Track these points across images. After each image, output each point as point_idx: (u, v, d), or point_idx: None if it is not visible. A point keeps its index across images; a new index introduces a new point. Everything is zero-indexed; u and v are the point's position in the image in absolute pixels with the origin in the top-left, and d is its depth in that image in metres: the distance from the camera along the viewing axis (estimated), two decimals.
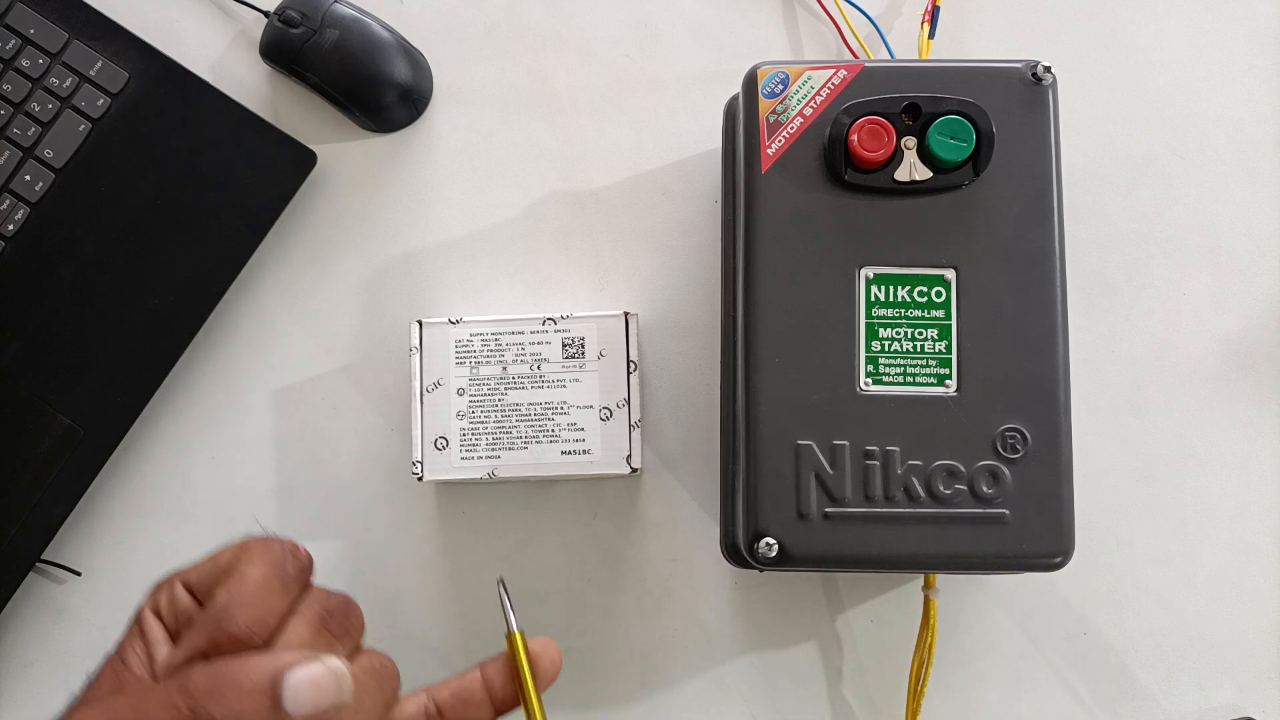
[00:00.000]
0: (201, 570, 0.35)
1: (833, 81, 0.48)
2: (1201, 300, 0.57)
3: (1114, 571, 0.56)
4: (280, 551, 0.34)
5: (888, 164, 0.47)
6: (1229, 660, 0.55)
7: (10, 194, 0.57)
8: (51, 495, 0.55)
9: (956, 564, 0.47)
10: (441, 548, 0.56)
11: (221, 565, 0.34)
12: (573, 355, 0.53)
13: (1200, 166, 0.58)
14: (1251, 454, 0.56)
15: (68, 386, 0.56)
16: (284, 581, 0.33)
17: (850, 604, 0.56)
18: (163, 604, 0.35)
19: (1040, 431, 0.46)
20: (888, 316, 0.47)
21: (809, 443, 0.46)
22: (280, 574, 0.33)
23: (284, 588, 0.33)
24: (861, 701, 0.55)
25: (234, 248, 0.57)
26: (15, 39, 0.57)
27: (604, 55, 0.59)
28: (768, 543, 0.45)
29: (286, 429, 0.57)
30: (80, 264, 0.57)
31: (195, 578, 0.35)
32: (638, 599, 0.56)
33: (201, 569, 0.35)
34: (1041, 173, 0.47)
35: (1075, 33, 0.59)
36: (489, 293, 0.58)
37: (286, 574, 0.33)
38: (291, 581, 0.34)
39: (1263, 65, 0.58)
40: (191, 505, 0.57)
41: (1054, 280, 0.46)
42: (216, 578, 0.34)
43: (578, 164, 0.59)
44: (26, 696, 0.56)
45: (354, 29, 0.57)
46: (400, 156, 0.59)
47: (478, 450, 0.52)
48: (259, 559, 0.33)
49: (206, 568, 0.35)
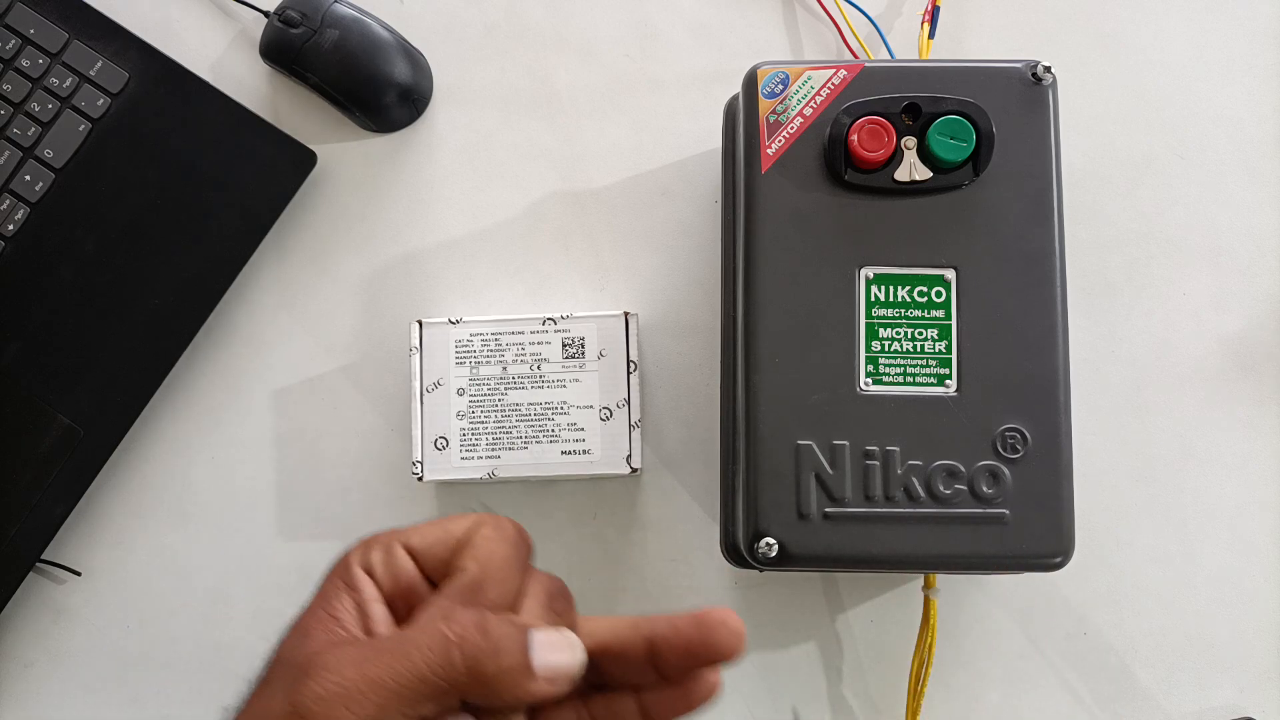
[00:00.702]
0: (427, 537, 0.35)
1: (833, 81, 0.48)
2: (1201, 300, 0.57)
3: (1114, 571, 0.56)
4: (515, 533, 0.34)
5: (888, 164, 0.47)
6: (1229, 660, 0.55)
7: (10, 194, 0.57)
8: (51, 495, 0.55)
9: (956, 564, 0.47)
10: None
11: (455, 536, 0.34)
12: (573, 355, 0.53)
13: (1200, 166, 0.58)
14: (1251, 454, 0.56)
15: (68, 386, 0.56)
16: (521, 561, 0.34)
17: (850, 604, 0.56)
18: (376, 562, 0.34)
19: (1040, 431, 0.46)
20: (888, 316, 0.47)
21: (809, 443, 0.46)
22: (518, 555, 0.34)
23: (521, 567, 0.34)
24: (861, 701, 0.55)
25: (234, 248, 0.57)
26: (15, 39, 0.57)
27: (604, 55, 0.59)
28: (768, 543, 0.45)
29: (286, 429, 0.57)
30: (80, 264, 0.57)
31: (420, 543, 0.35)
32: (638, 599, 0.56)
33: (427, 536, 0.35)
34: (1041, 173, 0.47)
35: (1075, 33, 0.59)
36: (489, 293, 0.58)
37: (522, 554, 0.34)
38: (524, 563, 0.34)
39: (1263, 65, 0.58)
40: (191, 505, 0.57)
41: (1054, 280, 0.46)
42: (450, 548, 0.34)
43: (578, 164, 0.59)
44: (26, 696, 0.56)
45: (354, 29, 0.57)
46: (400, 156, 0.59)
47: (478, 450, 0.52)
48: (502, 537, 0.34)
49: (434, 535, 0.35)
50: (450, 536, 0.34)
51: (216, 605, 0.57)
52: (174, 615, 0.57)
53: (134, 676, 0.57)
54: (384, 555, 0.35)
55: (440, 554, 0.34)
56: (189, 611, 0.57)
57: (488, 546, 0.34)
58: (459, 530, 0.34)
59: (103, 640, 0.57)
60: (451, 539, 0.34)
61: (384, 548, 0.35)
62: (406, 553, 0.35)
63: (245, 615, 0.56)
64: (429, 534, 0.35)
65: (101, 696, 0.57)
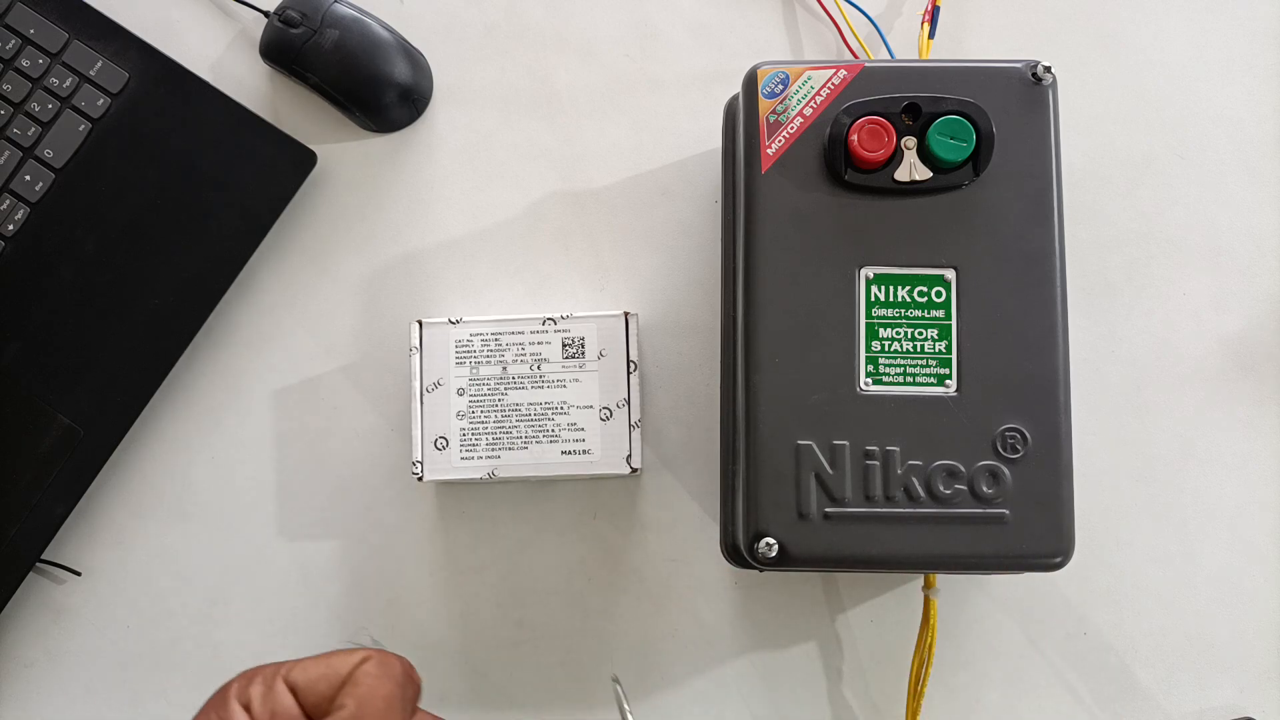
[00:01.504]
0: (310, 672, 0.34)
1: (833, 81, 0.48)
2: (1201, 300, 0.57)
3: (1114, 571, 0.56)
4: (401, 672, 0.34)
5: (888, 164, 0.47)
6: (1229, 660, 0.55)
7: (10, 194, 0.57)
8: (51, 495, 0.55)
9: (956, 564, 0.47)
10: (441, 548, 0.56)
11: (340, 672, 0.33)
12: (573, 355, 0.53)
13: (1200, 166, 0.58)
14: (1251, 454, 0.56)
15: (68, 386, 0.56)
16: (404, 702, 0.33)
17: (850, 604, 0.56)
18: (255, 697, 0.34)
19: (1040, 431, 0.46)
20: (888, 316, 0.47)
21: (809, 443, 0.46)
22: (402, 694, 0.33)
23: (404, 708, 0.33)
24: (861, 701, 0.55)
25: (234, 248, 0.57)
26: (15, 39, 0.57)
27: (604, 55, 0.59)
28: (768, 543, 0.45)
29: (286, 429, 0.57)
30: (80, 264, 0.57)
31: (302, 679, 0.34)
32: (638, 599, 0.56)
33: (310, 671, 0.34)
34: (1041, 173, 0.47)
35: (1075, 33, 0.59)
36: (489, 293, 0.58)
37: (406, 694, 0.33)
38: (409, 703, 0.34)
39: (1263, 65, 0.58)
40: (191, 505, 0.57)
41: (1054, 280, 0.46)
42: (334, 685, 0.33)
43: (578, 164, 0.59)
44: (26, 696, 0.56)
45: (354, 29, 0.57)
46: (400, 156, 0.59)
47: (478, 450, 0.52)
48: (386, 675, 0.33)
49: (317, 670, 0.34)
50: (334, 673, 0.33)
51: (216, 605, 0.57)
52: (174, 615, 0.57)
53: (134, 676, 0.57)
54: (264, 690, 0.34)
55: (323, 690, 0.33)
56: (189, 611, 0.57)
57: (369, 684, 0.33)
58: (343, 667, 0.33)
59: (103, 640, 0.57)
60: (335, 675, 0.33)
61: (265, 682, 0.34)
62: (288, 688, 0.34)
63: (245, 615, 0.56)
64: (312, 670, 0.34)
65: (101, 696, 0.57)
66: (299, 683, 0.34)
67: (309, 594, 0.56)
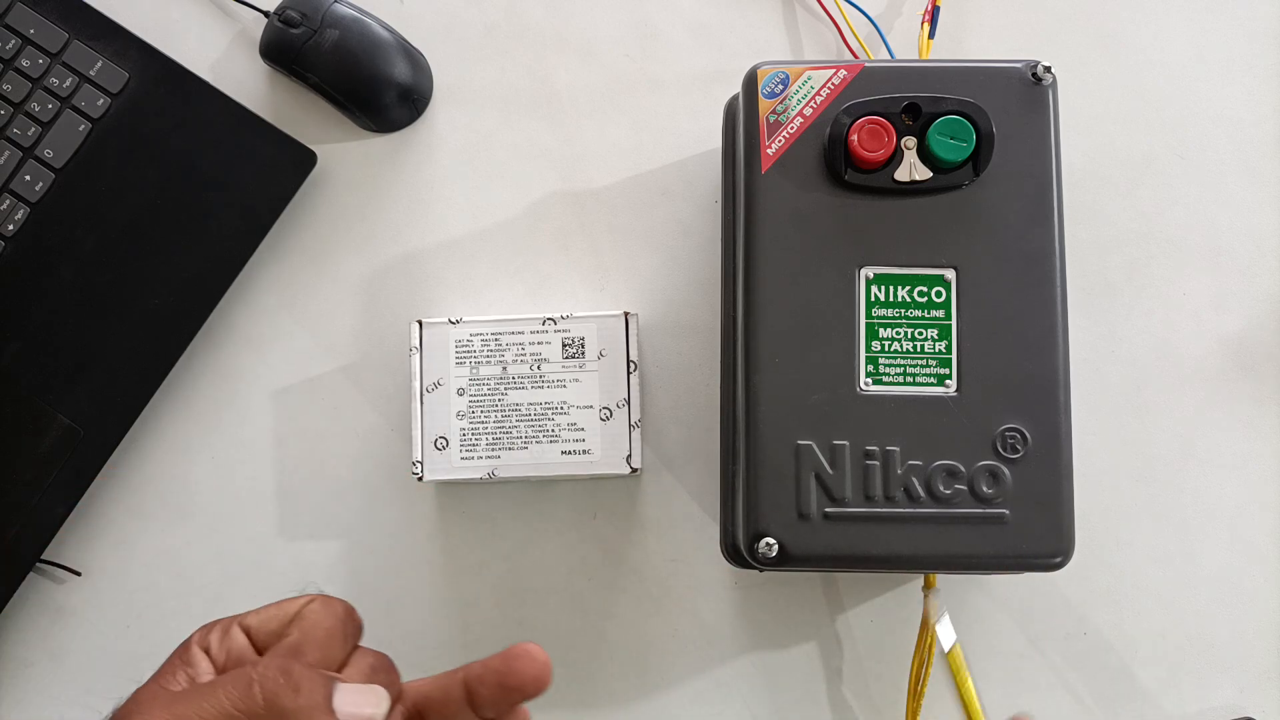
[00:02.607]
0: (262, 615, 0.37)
1: (833, 81, 0.48)
2: (1201, 300, 0.57)
3: (1114, 571, 0.56)
4: (343, 610, 0.37)
5: (888, 164, 0.47)
6: (1229, 660, 0.55)
7: (10, 194, 0.57)
8: (51, 495, 0.55)
9: (956, 564, 0.47)
10: (441, 548, 0.56)
11: (289, 613, 0.37)
12: (573, 355, 0.53)
13: (1200, 166, 0.58)
14: (1251, 454, 0.56)
15: (68, 386, 0.56)
16: (345, 635, 0.36)
17: (850, 604, 0.56)
18: (213, 642, 0.36)
19: (1040, 431, 0.46)
20: (888, 316, 0.47)
21: (809, 443, 0.46)
22: (343, 628, 0.36)
23: (344, 640, 0.36)
24: (861, 701, 0.55)
25: (234, 248, 0.57)
26: (15, 39, 0.57)
27: (604, 55, 0.59)
28: (768, 543, 0.45)
29: (286, 429, 0.57)
30: (80, 264, 0.57)
31: (255, 622, 0.37)
32: (638, 599, 0.56)
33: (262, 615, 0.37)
34: (1041, 173, 0.47)
35: (1075, 33, 0.59)
36: (489, 293, 0.58)
37: (347, 629, 0.37)
38: (349, 638, 0.37)
39: (1263, 65, 0.58)
40: (191, 505, 0.57)
41: (1054, 280, 0.46)
42: (283, 623, 0.36)
43: (578, 164, 0.59)
44: (26, 696, 0.56)
45: (354, 29, 0.57)
46: (400, 156, 0.59)
47: (478, 450, 0.52)
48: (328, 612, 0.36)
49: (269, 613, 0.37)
50: (284, 613, 0.37)
51: (216, 605, 0.56)
52: (174, 615, 0.57)
53: (134, 676, 0.56)
54: (220, 635, 0.36)
55: (273, 628, 0.36)
56: (189, 611, 0.57)
57: (313, 619, 0.36)
58: (291, 607, 0.37)
59: (103, 640, 0.57)
60: (284, 615, 0.37)
61: (222, 628, 0.37)
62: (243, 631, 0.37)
63: None
64: (264, 613, 0.37)
65: (101, 696, 0.56)
66: (251, 625, 0.37)
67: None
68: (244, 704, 0.33)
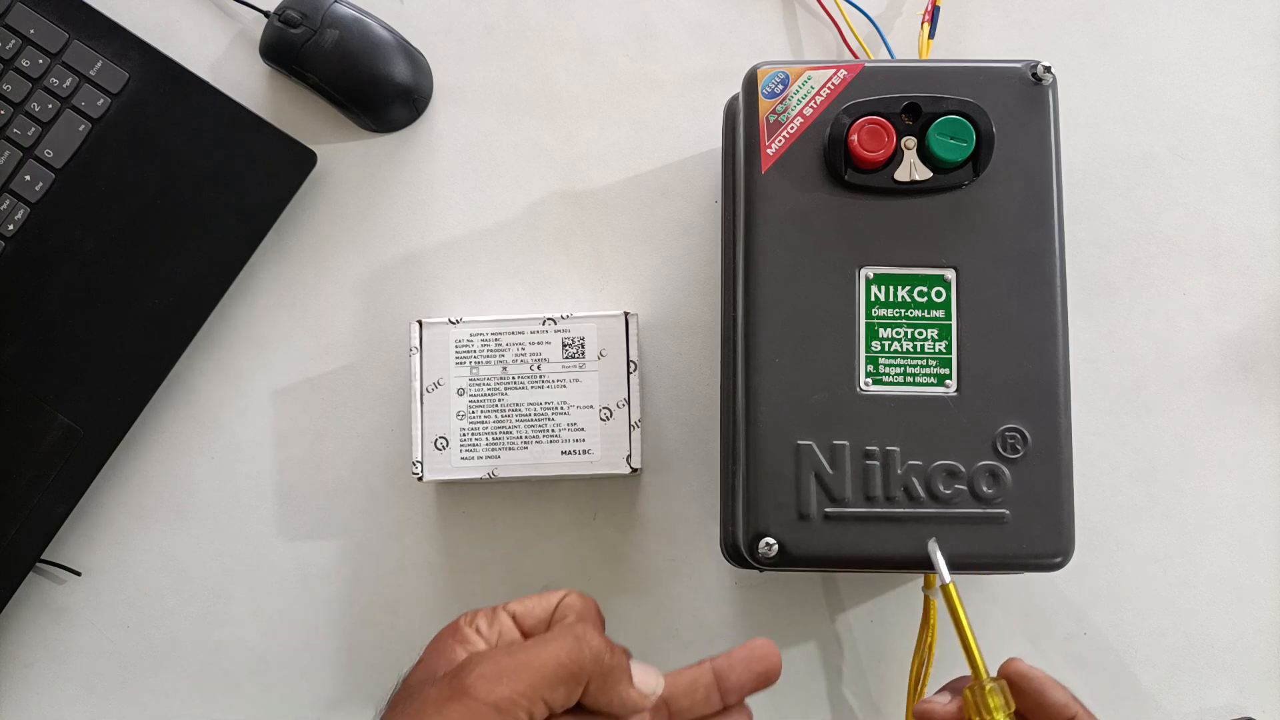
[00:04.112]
0: (527, 605, 0.42)
1: (833, 81, 0.48)
2: (1201, 300, 0.57)
3: (1114, 571, 0.56)
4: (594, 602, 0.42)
5: (888, 164, 0.47)
6: (1229, 660, 0.55)
7: (10, 194, 0.57)
8: (51, 495, 0.55)
9: (956, 564, 0.46)
10: (441, 548, 0.56)
11: (550, 601, 0.42)
12: (573, 355, 0.53)
13: (1200, 166, 0.58)
14: (1251, 454, 0.56)
15: (68, 386, 0.56)
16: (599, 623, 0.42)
17: (850, 604, 0.56)
18: (482, 625, 0.41)
19: (1040, 431, 0.46)
20: (888, 316, 0.47)
21: (809, 443, 0.46)
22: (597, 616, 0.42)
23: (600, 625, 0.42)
24: (861, 701, 0.55)
25: (234, 248, 0.57)
26: (15, 39, 0.57)
27: (604, 55, 0.59)
28: (768, 543, 0.45)
29: (286, 429, 0.57)
30: (80, 264, 0.57)
31: (520, 609, 0.41)
32: (638, 599, 0.56)
33: (526, 604, 0.42)
34: (1041, 173, 0.47)
35: (1075, 33, 0.59)
36: (489, 293, 0.58)
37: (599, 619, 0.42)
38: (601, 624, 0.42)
39: (1263, 65, 0.58)
40: (191, 505, 0.57)
41: (1054, 280, 0.46)
42: (547, 609, 0.41)
43: (578, 164, 0.59)
44: (26, 696, 0.56)
45: (354, 29, 0.57)
46: (400, 156, 0.59)
47: (478, 450, 0.52)
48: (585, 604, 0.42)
49: (532, 601, 0.42)
50: (546, 602, 0.42)
51: (216, 605, 0.57)
52: (174, 615, 0.57)
53: (134, 676, 0.57)
54: (489, 619, 0.41)
55: (539, 614, 0.41)
56: (189, 611, 0.57)
57: (579, 604, 0.41)
58: (553, 598, 0.42)
59: (103, 640, 0.57)
60: (548, 603, 0.42)
61: (487, 614, 0.41)
62: (509, 616, 0.41)
63: (245, 615, 0.56)
64: (528, 602, 0.42)
65: (101, 696, 0.57)
66: (517, 611, 0.41)
67: (309, 594, 0.56)
68: (574, 655, 0.37)
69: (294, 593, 0.57)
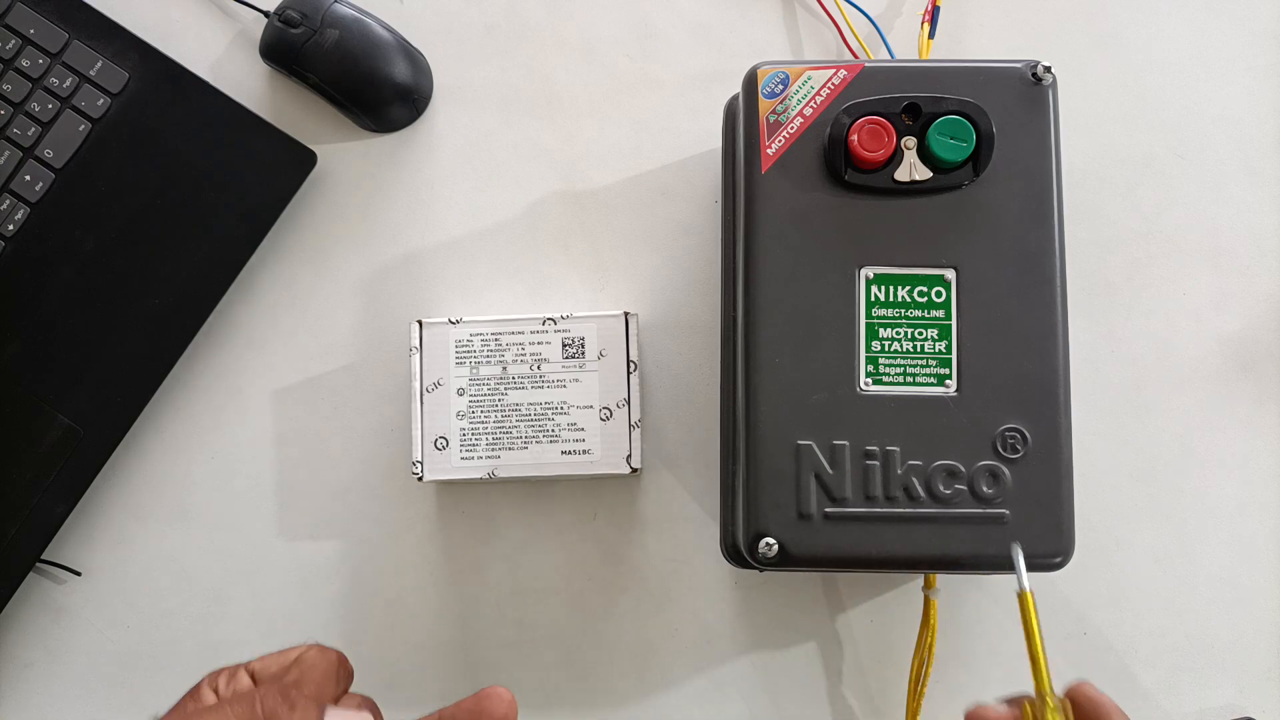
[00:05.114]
0: (265, 660, 0.41)
1: (833, 81, 0.48)
2: (1201, 300, 0.57)
3: (1114, 571, 0.56)
4: (337, 657, 0.41)
5: (888, 164, 0.47)
6: (1229, 660, 0.55)
7: (10, 194, 0.57)
8: (51, 495, 0.55)
9: (956, 564, 0.47)
10: (441, 548, 0.56)
11: (287, 658, 0.41)
12: (573, 355, 0.53)
13: (1200, 166, 0.58)
14: (1251, 454, 0.56)
15: (68, 386, 0.56)
16: (338, 678, 0.41)
17: (850, 604, 0.56)
18: (221, 684, 0.40)
19: (1040, 431, 0.46)
20: (888, 316, 0.47)
21: (809, 443, 0.46)
22: (336, 672, 0.41)
23: (337, 683, 0.41)
24: (861, 701, 0.55)
25: (234, 248, 0.57)
26: (15, 39, 0.57)
27: (604, 55, 0.59)
28: (768, 543, 0.45)
29: (286, 429, 0.57)
30: (80, 264, 0.57)
31: (259, 667, 0.41)
32: (638, 599, 0.56)
33: (265, 660, 0.41)
34: (1041, 173, 0.47)
35: (1075, 33, 0.59)
36: (489, 293, 0.58)
37: (340, 673, 0.41)
38: (341, 681, 0.41)
39: (1263, 65, 0.58)
40: (191, 505, 0.57)
41: (1054, 280, 0.46)
42: (283, 666, 0.41)
43: (578, 164, 0.59)
44: (26, 696, 0.56)
45: (354, 29, 0.57)
46: (400, 156, 0.59)
47: (478, 450, 0.52)
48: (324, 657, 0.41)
49: (272, 659, 0.41)
50: (284, 659, 0.41)
51: (216, 605, 0.57)
52: (174, 615, 0.57)
53: (134, 676, 0.57)
54: (228, 678, 0.41)
55: (274, 671, 0.41)
56: (189, 611, 0.57)
57: (310, 660, 0.41)
58: (292, 655, 0.41)
59: (103, 640, 0.57)
60: (285, 660, 0.41)
61: (229, 673, 0.41)
62: (248, 675, 0.41)
63: (245, 615, 0.56)
64: (267, 660, 0.41)
65: (101, 696, 0.57)
66: (256, 669, 0.41)
67: (309, 594, 0.56)
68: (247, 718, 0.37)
69: (294, 593, 0.57)
